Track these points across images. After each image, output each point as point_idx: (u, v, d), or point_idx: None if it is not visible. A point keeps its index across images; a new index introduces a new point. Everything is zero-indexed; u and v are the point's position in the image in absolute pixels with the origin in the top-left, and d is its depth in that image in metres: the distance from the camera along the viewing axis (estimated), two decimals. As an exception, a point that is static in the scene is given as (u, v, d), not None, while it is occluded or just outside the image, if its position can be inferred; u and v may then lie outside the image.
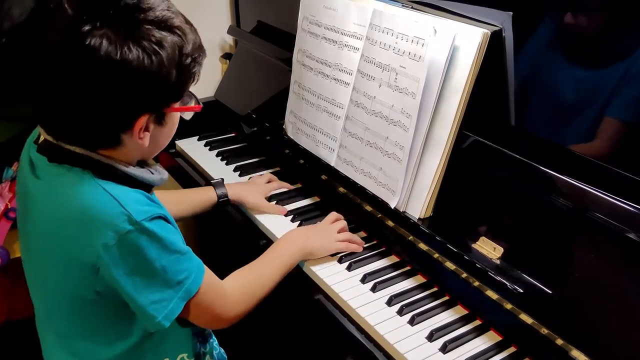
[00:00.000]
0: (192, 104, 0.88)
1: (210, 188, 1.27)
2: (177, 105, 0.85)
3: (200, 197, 1.26)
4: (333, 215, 1.22)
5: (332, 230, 1.17)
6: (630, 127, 0.92)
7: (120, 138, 0.82)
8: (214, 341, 1.16)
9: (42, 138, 0.86)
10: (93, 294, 0.84)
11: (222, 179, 1.32)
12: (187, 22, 0.83)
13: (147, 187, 0.88)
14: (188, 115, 0.91)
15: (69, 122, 0.80)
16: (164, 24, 0.78)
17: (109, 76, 0.74)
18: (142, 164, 0.90)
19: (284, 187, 1.37)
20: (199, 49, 0.84)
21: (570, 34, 0.98)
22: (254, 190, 1.32)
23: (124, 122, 0.80)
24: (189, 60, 0.81)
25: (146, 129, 0.82)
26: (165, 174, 0.92)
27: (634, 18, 0.88)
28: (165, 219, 0.85)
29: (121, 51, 0.73)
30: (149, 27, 0.76)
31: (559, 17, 0.98)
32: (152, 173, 0.90)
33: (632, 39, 0.89)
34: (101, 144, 0.82)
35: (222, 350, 1.19)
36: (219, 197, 1.26)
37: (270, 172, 1.46)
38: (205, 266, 0.92)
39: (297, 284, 1.13)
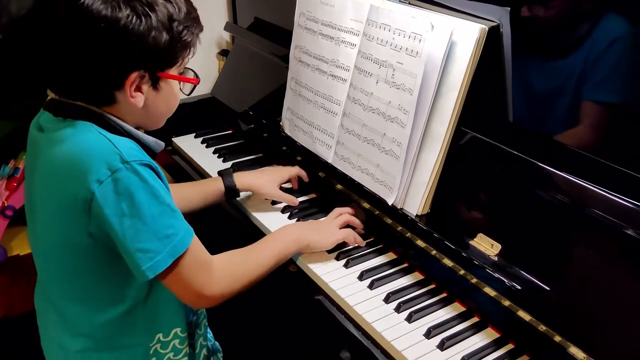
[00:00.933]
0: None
1: (218, 178, 1.27)
2: (174, 73, 0.90)
3: (208, 188, 1.26)
4: (337, 210, 1.21)
5: (333, 224, 1.16)
6: (629, 124, 0.92)
7: (114, 95, 0.87)
8: (209, 332, 1.15)
9: (48, 98, 0.92)
10: (87, 237, 0.86)
11: (232, 169, 1.32)
12: None
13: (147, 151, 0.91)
14: (187, 89, 0.96)
15: (67, 77, 0.86)
16: None
17: (100, 32, 0.80)
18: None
19: (295, 173, 1.35)
20: (194, 20, 0.91)
21: (566, 31, 0.97)
22: (267, 178, 1.31)
23: (115, 78, 0.85)
24: (180, 27, 0.87)
25: (139, 89, 0.87)
26: (161, 143, 0.96)
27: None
28: (157, 172, 0.87)
29: (112, 9, 0.80)
30: None
31: (555, 13, 0.97)
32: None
33: (626, 36, 0.89)
34: (99, 101, 0.87)
35: (217, 344, 1.19)
36: (226, 187, 1.26)
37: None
38: (194, 234, 0.92)
39: (294, 281, 1.12)
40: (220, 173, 1.29)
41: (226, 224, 1.35)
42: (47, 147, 0.87)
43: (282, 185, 1.33)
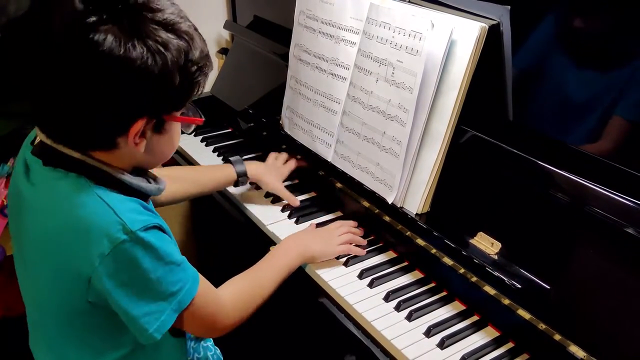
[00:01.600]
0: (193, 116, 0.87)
1: (230, 166, 1.28)
2: (178, 114, 0.83)
3: (219, 175, 1.28)
4: (338, 222, 1.20)
5: (334, 234, 1.15)
6: (627, 122, 0.92)
7: (115, 141, 0.79)
8: (209, 341, 1.15)
9: (37, 139, 0.85)
10: (85, 304, 0.83)
11: (241, 157, 1.32)
12: (196, 29, 0.81)
13: (143, 195, 0.86)
14: (188, 128, 0.90)
15: (65, 119, 0.77)
16: (172, 27, 0.76)
17: (110, 72, 0.72)
18: (139, 172, 0.88)
19: (298, 164, 1.37)
20: (206, 57, 0.82)
21: (563, 28, 0.97)
22: (272, 172, 1.33)
23: (121, 123, 0.77)
24: (194, 68, 0.78)
25: (143, 134, 0.80)
26: (163, 184, 0.90)
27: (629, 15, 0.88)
28: (161, 229, 0.83)
29: (125, 47, 0.71)
30: (156, 27, 0.74)
31: (554, 12, 0.97)
32: (149, 182, 0.88)
33: (624, 34, 0.89)
34: (96, 145, 0.80)
35: (218, 351, 1.19)
36: (238, 174, 1.28)
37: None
38: (200, 276, 0.90)
39: (294, 281, 1.12)
40: (230, 161, 1.30)
41: (226, 223, 1.35)
42: (38, 205, 0.81)
43: (297, 164, 1.38)
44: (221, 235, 1.53)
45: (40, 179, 0.82)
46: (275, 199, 1.32)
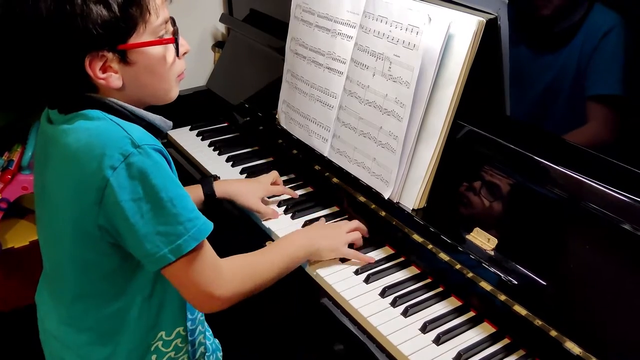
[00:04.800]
0: (167, 37, 0.89)
1: (198, 186, 1.25)
2: (142, 40, 0.85)
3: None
4: (354, 223, 1.17)
5: (341, 232, 1.13)
6: (625, 116, 0.91)
7: (91, 83, 0.85)
8: (208, 330, 1.15)
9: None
10: (95, 229, 0.84)
11: (214, 176, 1.30)
12: None
13: (153, 133, 0.89)
14: (180, 50, 0.91)
15: (32, 81, 0.86)
16: None
17: (30, 32, 0.80)
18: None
19: (287, 193, 1.31)
20: None
21: (564, 23, 0.96)
22: (249, 189, 1.27)
23: (69, 70, 0.83)
24: None
25: (108, 69, 0.84)
26: (169, 122, 0.94)
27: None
28: (167, 160, 0.86)
29: (34, 7, 0.78)
30: None
31: (553, 5, 0.96)
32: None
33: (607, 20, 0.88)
34: (82, 91, 0.86)
35: (217, 341, 1.19)
36: (205, 195, 1.24)
37: (263, 162, 1.46)
38: None
39: (290, 275, 1.12)
40: (200, 181, 1.26)
41: (219, 216, 1.34)
42: (60, 137, 0.85)
43: (285, 192, 1.31)
44: (216, 230, 1.52)
45: (61, 119, 0.87)
46: (271, 195, 1.31)
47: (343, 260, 1.12)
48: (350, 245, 1.13)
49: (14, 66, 0.85)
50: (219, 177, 1.33)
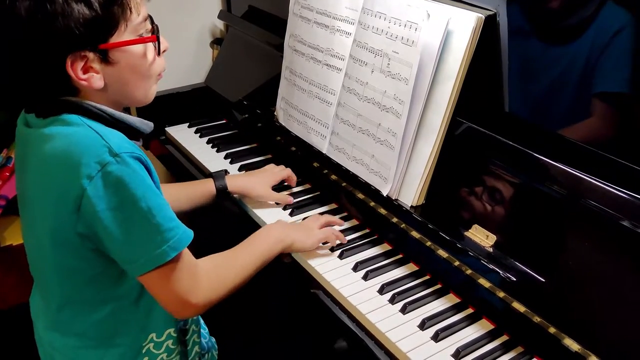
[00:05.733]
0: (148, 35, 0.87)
1: (210, 180, 1.24)
2: (123, 38, 0.83)
3: (199, 190, 1.23)
4: (314, 216, 1.19)
5: (313, 225, 1.14)
6: (624, 114, 0.91)
7: (72, 85, 0.83)
8: (204, 328, 1.15)
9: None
10: (74, 236, 0.83)
11: (225, 171, 1.29)
12: None
13: (131, 135, 0.88)
14: (161, 48, 0.89)
15: (19, 83, 0.84)
16: None
17: (11, 32, 0.79)
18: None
19: (291, 177, 1.32)
20: None
21: (564, 20, 0.96)
22: (257, 180, 1.27)
23: (50, 71, 0.81)
24: None
25: (89, 70, 0.82)
26: (149, 123, 0.93)
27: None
28: (147, 167, 0.85)
29: (12, 7, 0.77)
30: None
31: (553, 1, 0.96)
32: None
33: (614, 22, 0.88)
34: (62, 94, 0.84)
35: (213, 339, 1.18)
36: (217, 189, 1.23)
37: (262, 160, 1.45)
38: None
39: (289, 273, 1.12)
40: (211, 175, 1.26)
41: (217, 212, 1.34)
42: (38, 143, 0.84)
43: (291, 178, 1.32)
44: (213, 225, 1.52)
45: (39, 123, 0.86)
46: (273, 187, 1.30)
47: (341, 256, 1.12)
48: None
49: None
50: (229, 172, 1.33)
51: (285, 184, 1.33)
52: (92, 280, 0.89)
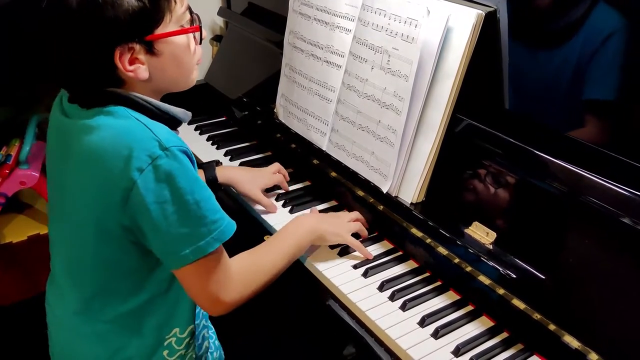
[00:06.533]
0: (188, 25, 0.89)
1: (200, 172, 1.24)
2: (168, 30, 0.85)
3: None
4: (355, 213, 1.18)
5: (344, 216, 1.15)
6: (624, 111, 0.91)
7: (118, 76, 0.84)
8: (210, 329, 1.15)
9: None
10: (118, 227, 0.84)
11: (217, 161, 1.29)
12: None
13: (173, 125, 0.90)
14: (203, 34, 0.91)
15: (67, 74, 0.84)
16: None
17: (60, 21, 0.80)
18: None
19: (284, 187, 1.31)
20: None
21: (564, 18, 0.96)
22: (250, 177, 1.27)
23: (100, 61, 0.82)
24: None
25: (136, 61, 0.83)
26: (189, 113, 0.94)
27: None
28: (191, 160, 0.86)
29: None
30: None
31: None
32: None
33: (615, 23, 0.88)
34: (107, 85, 0.85)
35: (218, 342, 1.18)
36: (207, 179, 1.24)
37: (262, 157, 1.45)
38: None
39: (288, 270, 1.12)
40: (201, 165, 1.26)
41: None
42: (82, 133, 0.84)
43: (285, 183, 1.31)
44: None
45: (82, 114, 0.86)
46: (268, 188, 1.31)
47: (341, 254, 1.12)
48: (356, 235, 1.13)
49: (43, 59, 0.84)
50: (221, 163, 1.32)
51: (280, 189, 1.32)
52: (127, 272, 0.90)
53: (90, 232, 0.87)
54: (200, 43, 0.92)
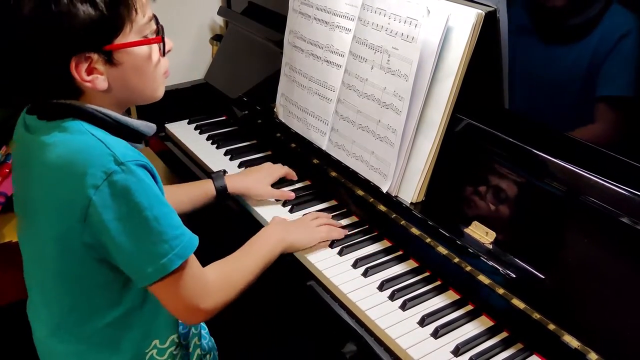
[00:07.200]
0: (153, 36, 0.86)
1: (209, 181, 1.24)
2: (128, 40, 0.82)
3: (200, 191, 1.23)
4: (313, 214, 1.20)
5: (311, 223, 1.15)
6: (624, 110, 0.91)
7: (76, 87, 0.82)
8: (204, 329, 1.14)
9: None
10: (80, 245, 0.83)
11: (224, 171, 1.29)
12: None
13: (134, 138, 0.88)
14: (166, 48, 0.88)
15: (22, 84, 0.83)
16: None
17: (16, 32, 0.77)
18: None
19: (290, 176, 1.33)
20: None
21: (564, 17, 0.96)
22: (258, 179, 1.28)
23: (55, 72, 0.80)
24: None
25: (94, 71, 0.81)
26: (152, 125, 0.92)
27: None
28: (152, 174, 0.84)
29: (19, 5, 0.76)
30: None
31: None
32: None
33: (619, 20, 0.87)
34: (65, 96, 0.83)
35: (212, 340, 1.18)
36: (217, 190, 1.23)
37: (262, 156, 1.45)
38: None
39: (288, 270, 1.12)
40: (210, 176, 1.25)
41: (217, 209, 1.33)
42: (40, 151, 0.83)
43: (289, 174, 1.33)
44: (213, 222, 1.52)
45: (40, 128, 0.85)
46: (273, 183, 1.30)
47: (340, 252, 1.12)
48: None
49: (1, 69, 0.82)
50: (227, 172, 1.33)
51: (286, 181, 1.33)
52: (97, 289, 0.89)
53: (52, 249, 0.86)
54: (164, 55, 0.89)
